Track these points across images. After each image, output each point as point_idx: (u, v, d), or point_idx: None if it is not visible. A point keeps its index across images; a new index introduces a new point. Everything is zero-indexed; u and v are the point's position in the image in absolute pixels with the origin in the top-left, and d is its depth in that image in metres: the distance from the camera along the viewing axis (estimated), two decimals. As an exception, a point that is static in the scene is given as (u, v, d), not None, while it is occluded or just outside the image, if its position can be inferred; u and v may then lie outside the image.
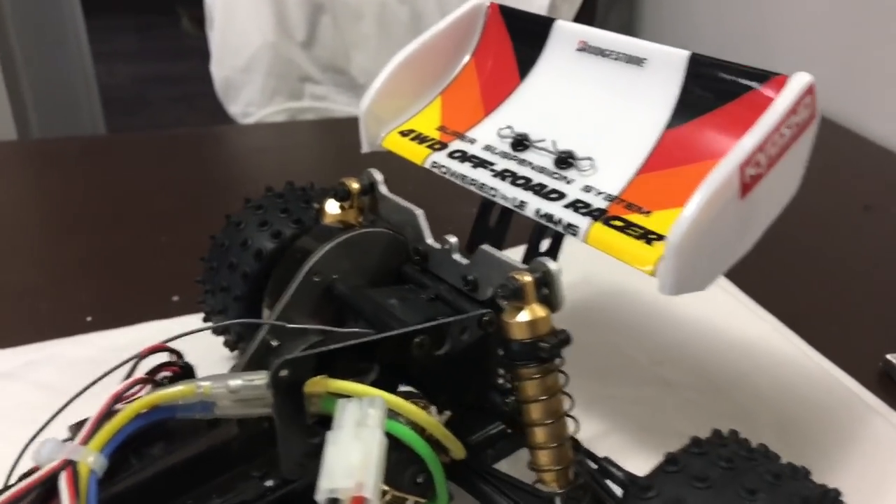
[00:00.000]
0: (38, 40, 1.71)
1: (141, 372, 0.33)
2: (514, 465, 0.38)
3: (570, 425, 0.34)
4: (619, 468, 0.35)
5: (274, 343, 0.36)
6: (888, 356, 0.53)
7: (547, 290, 0.32)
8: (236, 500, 0.31)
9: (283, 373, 0.29)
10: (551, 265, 0.32)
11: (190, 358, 0.35)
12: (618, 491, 0.35)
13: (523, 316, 0.32)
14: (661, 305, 0.56)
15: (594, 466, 0.36)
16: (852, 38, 0.96)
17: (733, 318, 0.56)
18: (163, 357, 0.33)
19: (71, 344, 0.54)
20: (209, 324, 0.46)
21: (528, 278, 0.32)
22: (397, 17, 1.19)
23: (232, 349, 0.49)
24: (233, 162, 0.99)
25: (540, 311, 0.32)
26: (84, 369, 0.51)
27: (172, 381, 0.32)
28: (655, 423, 0.47)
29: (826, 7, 1.00)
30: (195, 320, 0.56)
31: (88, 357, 0.52)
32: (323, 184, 0.49)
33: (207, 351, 0.40)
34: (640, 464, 0.36)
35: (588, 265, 0.34)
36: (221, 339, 0.50)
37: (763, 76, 0.34)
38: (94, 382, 0.31)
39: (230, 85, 1.20)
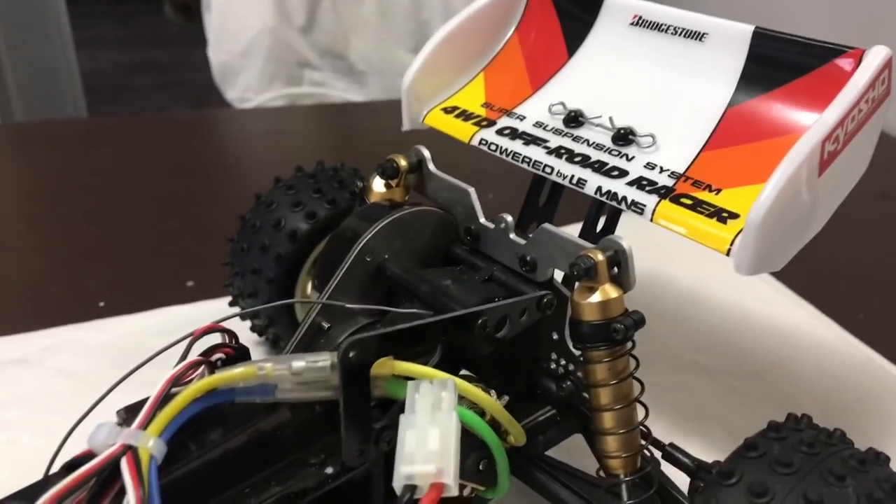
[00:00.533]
0: (21, 27, 1.68)
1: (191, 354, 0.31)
2: (558, 453, 0.37)
3: (640, 412, 0.33)
4: (686, 454, 0.34)
5: (325, 325, 0.34)
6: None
7: (617, 269, 0.31)
8: (296, 488, 0.30)
9: (352, 353, 0.28)
10: (623, 244, 0.31)
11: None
12: (682, 478, 0.34)
13: (595, 296, 0.31)
14: (697, 292, 0.56)
15: (658, 453, 0.35)
16: (867, 27, 0.95)
17: (769, 305, 0.55)
18: (214, 339, 0.32)
19: (87, 329, 0.52)
20: (262, 305, 0.44)
21: (600, 257, 0.30)
22: (398, 2, 1.17)
23: (261, 334, 0.47)
24: (234, 146, 0.97)
25: (613, 291, 0.31)
26: (106, 355, 0.50)
27: (227, 363, 0.30)
28: (698, 411, 0.46)
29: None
30: (215, 306, 0.55)
31: (108, 343, 0.50)
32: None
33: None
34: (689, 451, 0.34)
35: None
36: (248, 323, 0.48)
37: (837, 50, 0.33)
38: (144, 363, 0.30)
39: (228, 70, 1.17)
